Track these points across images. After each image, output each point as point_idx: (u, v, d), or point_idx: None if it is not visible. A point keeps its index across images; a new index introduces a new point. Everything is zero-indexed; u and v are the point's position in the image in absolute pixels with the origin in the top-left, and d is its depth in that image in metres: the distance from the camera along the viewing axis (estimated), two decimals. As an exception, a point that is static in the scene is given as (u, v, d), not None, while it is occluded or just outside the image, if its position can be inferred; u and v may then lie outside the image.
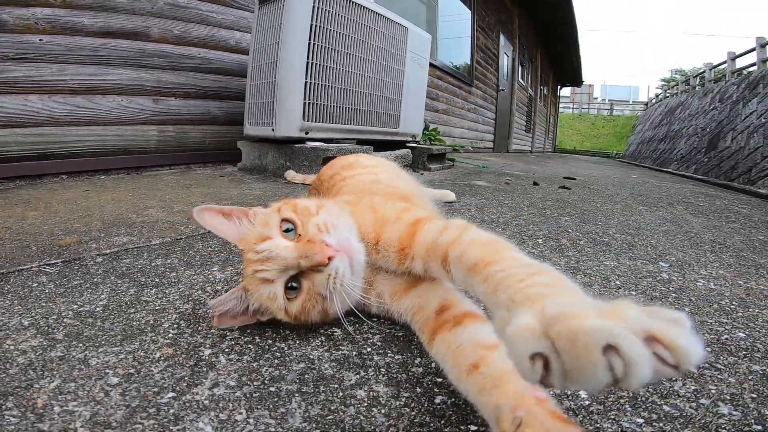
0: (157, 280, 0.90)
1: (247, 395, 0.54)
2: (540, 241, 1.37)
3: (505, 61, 9.08)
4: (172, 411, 0.50)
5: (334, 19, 2.37)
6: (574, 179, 3.79)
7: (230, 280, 0.91)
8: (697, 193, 3.67)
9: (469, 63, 7.19)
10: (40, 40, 2.20)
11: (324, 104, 2.40)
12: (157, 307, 0.77)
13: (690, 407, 0.54)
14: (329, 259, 0.61)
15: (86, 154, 2.35)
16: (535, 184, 3.08)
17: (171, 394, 0.54)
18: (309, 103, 2.30)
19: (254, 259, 0.64)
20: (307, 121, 2.31)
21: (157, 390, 0.54)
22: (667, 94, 15.01)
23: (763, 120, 6.19)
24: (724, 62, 9.82)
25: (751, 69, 8.41)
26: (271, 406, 0.52)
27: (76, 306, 0.77)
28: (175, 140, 2.75)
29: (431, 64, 4.44)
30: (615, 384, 0.28)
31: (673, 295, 0.95)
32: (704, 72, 11.46)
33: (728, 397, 0.56)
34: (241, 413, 0.51)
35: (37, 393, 0.52)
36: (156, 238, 1.18)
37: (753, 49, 8.17)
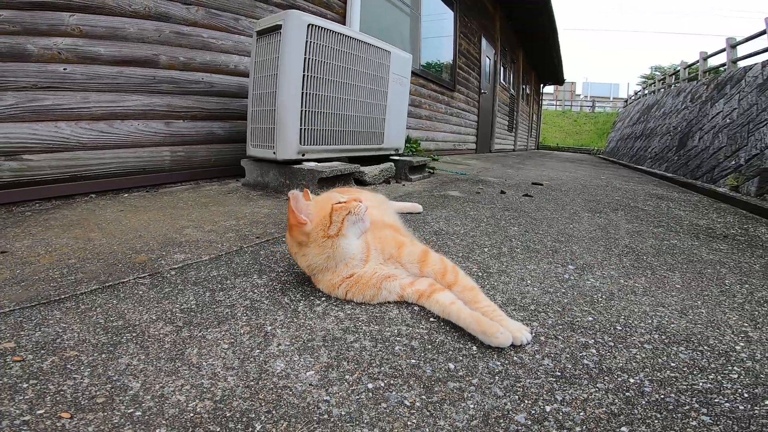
0: (219, 286, 1.27)
1: (308, 346, 0.94)
2: (486, 249, 1.79)
3: (487, 64, 9.49)
4: (264, 355, 0.90)
5: (325, 52, 2.74)
6: (541, 185, 4.21)
7: (267, 285, 1.29)
8: (651, 195, 4.10)
9: (451, 68, 7.58)
10: (64, 69, 2.49)
11: (318, 129, 2.79)
12: (229, 304, 1.16)
13: (526, 358, 0.95)
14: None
15: (110, 175, 2.70)
16: (502, 192, 3.49)
17: (258, 349, 0.94)
18: (304, 128, 2.68)
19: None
20: (303, 144, 2.70)
21: (254, 347, 0.95)
22: (646, 92, 15.50)
23: (728, 121, 6.63)
24: (698, 61, 10.25)
25: (722, 68, 8.79)
26: (332, 346, 0.92)
27: (177, 305, 1.14)
28: (185, 159, 3.11)
29: (415, 73, 4.82)
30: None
31: (562, 290, 1.36)
32: (680, 70, 11.89)
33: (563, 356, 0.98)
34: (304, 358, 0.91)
35: (189, 356, 0.90)
36: (204, 254, 1.53)
37: (723, 50, 8.59)
